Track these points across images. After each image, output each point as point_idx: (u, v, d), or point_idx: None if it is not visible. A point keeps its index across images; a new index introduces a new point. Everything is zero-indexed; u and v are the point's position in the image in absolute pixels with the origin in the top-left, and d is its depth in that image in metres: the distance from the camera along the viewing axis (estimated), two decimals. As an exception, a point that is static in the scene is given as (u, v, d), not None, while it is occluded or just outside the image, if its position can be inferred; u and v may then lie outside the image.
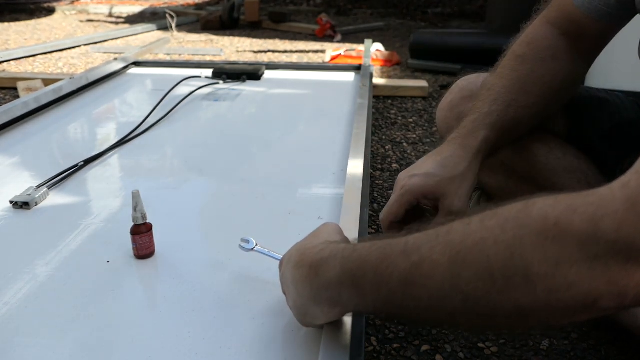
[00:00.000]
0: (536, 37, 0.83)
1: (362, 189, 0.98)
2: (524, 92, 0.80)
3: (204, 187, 1.11)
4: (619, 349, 0.82)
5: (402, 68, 2.72)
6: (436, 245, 0.46)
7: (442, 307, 0.46)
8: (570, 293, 0.40)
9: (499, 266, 0.42)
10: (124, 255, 0.84)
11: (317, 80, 1.93)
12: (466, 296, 0.44)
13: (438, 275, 0.45)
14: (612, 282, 0.38)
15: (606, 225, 0.37)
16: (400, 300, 0.48)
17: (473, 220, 0.45)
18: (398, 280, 0.47)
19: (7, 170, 1.16)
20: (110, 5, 5.49)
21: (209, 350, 0.65)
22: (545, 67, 0.81)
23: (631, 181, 0.38)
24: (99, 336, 0.67)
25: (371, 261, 0.50)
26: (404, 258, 0.47)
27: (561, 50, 0.82)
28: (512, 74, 0.82)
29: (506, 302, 0.42)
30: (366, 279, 0.50)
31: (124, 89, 1.84)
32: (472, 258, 0.43)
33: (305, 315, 0.60)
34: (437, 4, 5.28)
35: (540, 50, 0.82)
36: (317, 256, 0.56)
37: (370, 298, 0.51)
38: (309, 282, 0.56)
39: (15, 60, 2.82)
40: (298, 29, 3.95)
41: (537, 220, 0.40)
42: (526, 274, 0.41)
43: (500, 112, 0.79)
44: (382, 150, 1.62)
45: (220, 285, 0.77)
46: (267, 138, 1.37)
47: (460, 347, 0.83)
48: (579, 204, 0.39)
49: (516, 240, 0.41)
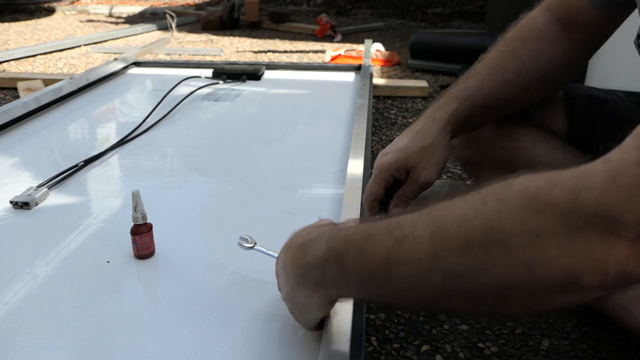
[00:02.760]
0: (526, 21, 0.84)
1: (362, 189, 0.98)
2: (501, 67, 0.82)
3: (204, 187, 1.11)
4: (619, 349, 0.82)
5: (402, 68, 2.72)
6: (418, 222, 0.45)
7: (423, 286, 0.45)
8: (550, 267, 0.39)
9: (479, 240, 0.41)
10: (124, 255, 0.84)
11: (317, 80, 1.93)
12: (446, 272, 0.43)
13: (419, 250, 0.44)
14: (593, 257, 0.37)
15: (586, 197, 0.37)
16: (382, 279, 0.48)
17: (456, 198, 0.45)
18: (380, 257, 0.47)
19: (7, 170, 1.16)
20: (110, 5, 5.49)
21: (209, 350, 0.65)
22: (527, 47, 0.82)
23: (613, 156, 0.37)
24: (99, 336, 0.67)
25: (355, 240, 0.50)
26: (387, 235, 0.47)
27: (549, 34, 0.82)
28: (494, 53, 0.84)
29: (485, 278, 0.42)
30: (350, 257, 0.50)
31: (124, 89, 1.84)
32: (452, 232, 0.42)
33: (294, 303, 0.60)
34: (437, 4, 5.28)
35: (525, 32, 0.83)
36: (304, 237, 0.57)
37: (354, 277, 0.50)
38: (297, 262, 0.56)
39: (15, 60, 2.82)
40: (298, 29, 3.95)
41: (516, 193, 0.40)
42: (505, 247, 0.40)
43: (474, 87, 0.81)
44: (382, 150, 1.62)
45: (220, 285, 0.77)
46: (267, 138, 1.37)
47: (460, 347, 0.83)
48: (560, 177, 0.39)
49: (495, 213, 0.41)
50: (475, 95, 0.80)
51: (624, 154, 0.37)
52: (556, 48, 0.82)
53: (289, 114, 1.57)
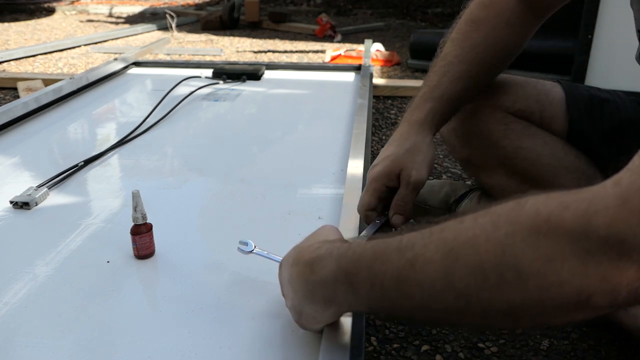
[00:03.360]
0: (493, 1, 0.84)
1: (362, 189, 0.98)
2: (476, 62, 0.83)
3: (204, 187, 1.11)
4: (619, 349, 0.82)
5: (402, 68, 2.72)
6: (429, 242, 0.45)
7: (435, 305, 0.46)
8: (562, 290, 0.39)
9: (491, 263, 0.41)
10: (124, 255, 0.84)
11: (317, 80, 1.93)
12: (458, 293, 0.43)
13: (431, 272, 0.44)
14: (605, 279, 0.38)
15: (598, 221, 0.37)
16: (394, 297, 0.48)
17: (466, 218, 0.45)
18: (392, 277, 0.47)
19: (7, 170, 1.16)
20: (110, 5, 5.49)
21: (209, 350, 0.65)
22: (499, 34, 0.83)
23: (623, 178, 0.38)
24: (99, 336, 0.67)
25: (366, 258, 0.50)
26: (398, 255, 0.47)
27: (516, 14, 0.82)
28: (466, 41, 0.84)
29: (498, 300, 0.42)
30: (360, 276, 0.50)
31: (124, 89, 1.84)
32: (464, 255, 0.43)
33: (300, 314, 0.60)
34: (437, 4, 5.28)
35: (497, 15, 0.83)
36: (313, 254, 0.56)
37: (365, 296, 0.51)
38: (305, 279, 0.56)
39: (15, 60, 2.82)
40: (298, 29, 3.95)
41: (528, 217, 0.40)
42: (518, 271, 0.40)
43: (449, 84, 0.82)
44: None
45: (220, 285, 0.77)
46: (267, 138, 1.37)
47: (460, 347, 0.83)
48: (571, 200, 0.39)
49: (508, 237, 0.41)
50: (451, 91, 0.82)
51: (633, 177, 0.37)
52: (522, 28, 0.84)
53: (289, 114, 1.57)
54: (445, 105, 0.82)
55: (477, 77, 0.83)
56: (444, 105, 0.82)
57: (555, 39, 2.20)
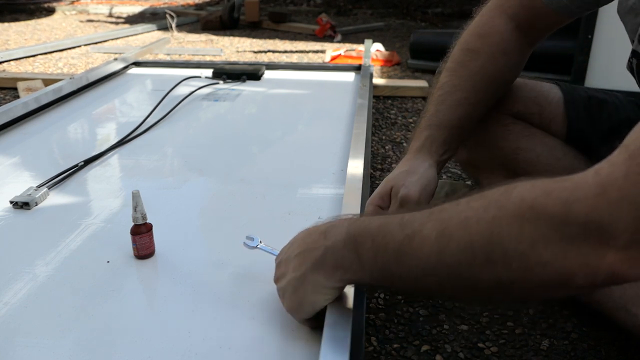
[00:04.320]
0: (490, 31, 0.84)
1: (362, 189, 0.98)
2: (474, 90, 0.84)
3: (204, 187, 1.11)
4: (619, 349, 0.82)
5: (402, 68, 2.72)
6: (427, 221, 0.50)
7: (429, 278, 0.50)
8: (545, 270, 0.42)
9: (480, 243, 0.45)
10: (124, 255, 0.84)
11: (317, 80, 1.93)
12: (450, 268, 0.48)
13: (427, 248, 0.49)
14: (585, 263, 0.41)
15: (577, 209, 0.40)
16: (393, 269, 0.52)
17: (461, 202, 0.49)
18: (392, 250, 0.52)
19: (7, 170, 1.16)
20: (110, 5, 5.49)
21: (209, 350, 0.65)
22: (496, 64, 0.84)
23: (603, 169, 0.40)
24: (99, 336, 0.67)
25: (371, 230, 0.54)
26: (399, 230, 0.52)
27: (512, 43, 0.84)
28: (463, 70, 0.85)
29: (486, 275, 0.46)
30: (365, 246, 0.54)
31: (124, 89, 1.84)
32: (456, 234, 0.47)
33: (296, 289, 0.61)
34: (437, 4, 5.28)
35: (492, 45, 0.84)
36: (328, 225, 0.61)
37: (368, 264, 0.55)
38: (319, 245, 0.59)
39: (15, 60, 2.82)
40: (298, 29, 3.95)
41: (514, 203, 0.44)
42: (503, 252, 0.44)
43: (447, 111, 0.84)
44: (382, 150, 1.63)
45: (220, 285, 0.77)
46: (267, 138, 1.37)
47: (460, 347, 0.83)
48: (554, 188, 0.42)
49: (495, 221, 0.45)
50: (450, 119, 0.84)
51: (612, 168, 0.40)
52: (517, 57, 0.85)
53: (289, 114, 1.57)
54: (444, 132, 0.83)
55: (475, 104, 0.84)
56: (442, 132, 0.83)
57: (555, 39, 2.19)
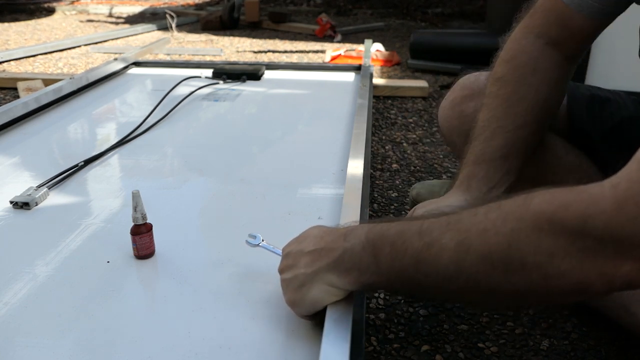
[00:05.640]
0: (515, 54, 0.81)
1: (362, 189, 0.98)
2: (507, 115, 0.81)
3: (204, 187, 1.11)
4: (619, 349, 0.82)
5: (402, 68, 2.72)
6: (446, 231, 0.51)
7: (448, 285, 0.51)
8: (563, 281, 0.44)
9: (499, 255, 0.46)
10: (124, 255, 0.84)
11: (317, 80, 1.93)
12: (469, 277, 0.49)
13: (445, 257, 0.50)
14: (602, 272, 0.42)
15: (595, 222, 0.41)
16: (411, 275, 0.53)
17: (479, 212, 0.49)
18: (411, 256, 0.52)
19: (7, 170, 1.16)
20: (110, 5, 5.49)
21: (209, 350, 0.65)
22: (527, 85, 0.80)
23: (621, 183, 0.41)
24: (99, 336, 0.67)
25: (390, 236, 0.55)
26: (418, 238, 0.52)
27: (543, 60, 0.80)
28: (494, 101, 0.82)
29: (505, 285, 0.47)
30: (384, 251, 0.55)
31: (124, 89, 1.84)
32: (475, 245, 0.48)
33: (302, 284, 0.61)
34: (437, 4, 5.28)
35: (519, 67, 0.81)
36: (347, 229, 0.61)
37: (385, 269, 0.55)
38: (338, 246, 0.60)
39: (15, 60, 2.82)
40: (298, 29, 3.94)
41: (533, 215, 0.45)
42: (522, 263, 0.45)
43: (480, 145, 0.82)
44: (382, 150, 1.62)
45: (220, 285, 0.77)
46: (267, 138, 1.37)
47: (460, 347, 0.83)
48: (572, 200, 0.43)
49: (514, 233, 0.45)
50: (486, 152, 0.81)
51: (630, 183, 0.41)
52: (552, 72, 0.81)
53: (289, 114, 1.57)
54: (482, 167, 0.81)
55: (516, 130, 0.80)
56: (480, 167, 0.81)
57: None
